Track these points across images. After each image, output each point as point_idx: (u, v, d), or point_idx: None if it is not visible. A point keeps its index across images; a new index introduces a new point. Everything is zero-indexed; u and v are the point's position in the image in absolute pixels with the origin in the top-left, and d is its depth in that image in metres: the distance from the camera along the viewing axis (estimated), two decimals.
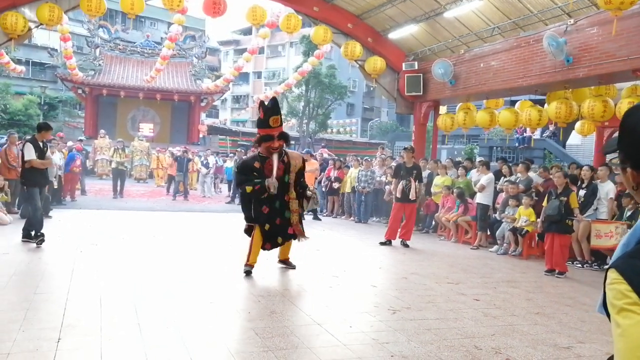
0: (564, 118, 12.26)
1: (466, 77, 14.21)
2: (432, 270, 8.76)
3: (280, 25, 15.99)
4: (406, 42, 16.26)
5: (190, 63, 37.06)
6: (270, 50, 56.84)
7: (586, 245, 9.99)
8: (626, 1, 8.39)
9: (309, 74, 31.55)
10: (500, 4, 12.53)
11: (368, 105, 59.76)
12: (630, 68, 9.73)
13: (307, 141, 38.16)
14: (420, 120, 16.87)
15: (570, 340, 5.41)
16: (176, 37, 25.91)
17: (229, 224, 13.13)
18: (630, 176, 1.43)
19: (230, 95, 57.13)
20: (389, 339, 5.10)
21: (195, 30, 46.83)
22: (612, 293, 1.29)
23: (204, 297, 6.13)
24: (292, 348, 4.66)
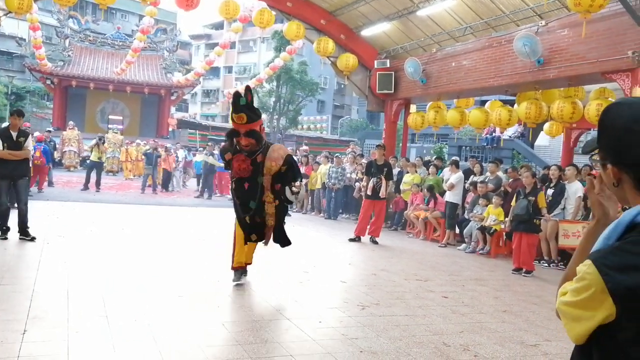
0: (534, 119, 12.40)
1: (437, 76, 14.27)
2: (401, 267, 8.78)
3: (253, 20, 15.84)
4: (379, 39, 16.26)
5: (161, 56, 36.65)
6: (242, 45, 56.51)
7: (554, 245, 10.12)
8: (595, 4, 8.48)
9: (280, 69, 31.48)
10: (472, 3, 12.60)
11: (339, 103, 59.83)
12: (599, 70, 9.87)
13: (277, 137, 38.03)
14: (391, 119, 16.90)
15: (537, 338, 5.46)
16: (147, 30, 25.58)
17: (198, 218, 13.01)
18: (611, 172, 1.45)
19: (200, 90, 56.70)
20: (358, 334, 5.08)
21: (166, 23, 46.31)
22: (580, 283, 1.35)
23: (173, 291, 6.04)
24: (261, 342, 4.60)
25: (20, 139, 8.45)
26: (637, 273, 1.28)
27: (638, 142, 1.36)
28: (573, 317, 1.37)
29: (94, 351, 4.13)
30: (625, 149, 1.40)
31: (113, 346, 4.21)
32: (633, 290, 1.27)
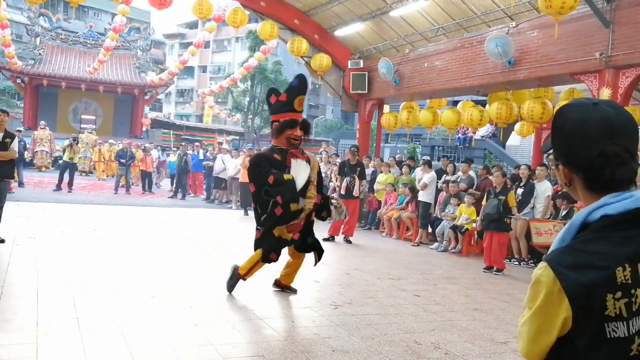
0: (505, 119, 12.56)
1: (410, 77, 14.37)
2: (374, 266, 8.82)
3: (226, 20, 15.78)
4: (352, 40, 16.32)
5: (135, 55, 36.32)
6: (216, 44, 56.26)
7: (524, 243, 10.27)
8: (566, 6, 8.62)
9: (254, 69, 31.43)
10: (445, 4, 12.72)
11: (313, 103, 59.86)
12: (568, 72, 10.04)
13: (252, 137, 37.93)
14: (365, 119, 16.98)
15: (507, 335, 5.53)
16: (120, 29, 25.32)
17: (172, 219, 12.92)
18: (562, 173, 1.49)
19: (174, 89, 56.33)
20: (331, 333, 5.10)
21: (140, 22, 45.87)
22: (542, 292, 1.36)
23: (145, 292, 5.99)
24: (233, 343, 4.60)
25: (6, 140, 8.24)
26: (591, 271, 1.30)
27: (585, 144, 1.39)
28: (532, 331, 1.37)
29: (64, 354, 4.07)
30: (573, 150, 1.43)
31: (83, 348, 4.16)
32: (587, 287, 1.29)
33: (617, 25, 9.16)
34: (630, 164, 1.38)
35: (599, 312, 1.29)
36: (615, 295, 1.29)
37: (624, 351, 1.30)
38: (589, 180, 1.42)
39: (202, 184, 19.53)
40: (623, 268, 1.31)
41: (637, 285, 1.31)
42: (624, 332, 1.30)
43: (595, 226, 1.37)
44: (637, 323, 1.31)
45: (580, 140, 1.41)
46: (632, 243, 1.34)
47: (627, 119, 1.40)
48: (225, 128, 42.37)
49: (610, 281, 1.30)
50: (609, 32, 9.21)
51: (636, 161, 1.40)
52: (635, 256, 1.33)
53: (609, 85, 9.20)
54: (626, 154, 1.37)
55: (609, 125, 1.37)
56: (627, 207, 1.35)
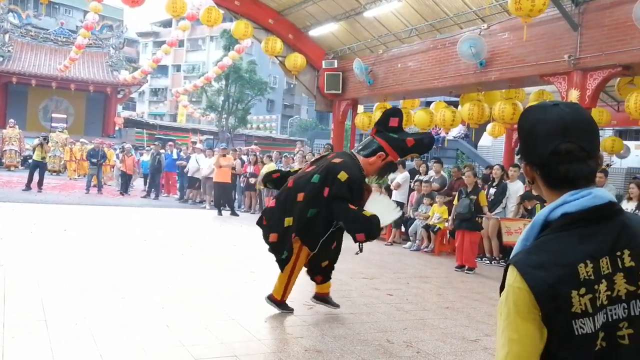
0: (476, 119, 12.72)
1: (384, 77, 14.46)
2: (347, 266, 8.82)
3: (200, 18, 15.68)
4: (326, 40, 16.35)
5: (107, 53, 35.93)
6: (190, 43, 55.88)
7: (495, 242, 10.41)
8: (535, 9, 8.75)
9: (229, 68, 31.30)
10: (418, 6, 12.81)
11: (288, 102, 59.83)
12: (538, 73, 10.20)
13: (226, 136, 37.78)
14: (339, 119, 17.02)
15: (478, 334, 5.61)
16: (92, 26, 25.01)
17: (144, 219, 12.81)
18: (524, 171, 1.53)
19: (148, 88, 55.82)
20: (303, 333, 5.13)
21: (112, 20, 45.28)
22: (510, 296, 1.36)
23: (116, 293, 5.93)
24: (206, 343, 4.59)
25: None
26: (555, 269, 1.33)
27: (540, 142, 1.43)
28: (506, 338, 1.36)
29: (31, 357, 4.02)
30: (531, 148, 1.47)
31: (51, 350, 4.12)
32: (553, 286, 1.31)
33: (584, 29, 9.34)
34: (587, 162, 1.41)
35: (566, 310, 1.31)
36: (580, 292, 1.31)
37: (590, 347, 1.33)
38: (546, 177, 1.46)
39: (176, 184, 19.40)
40: (585, 264, 1.33)
41: (599, 280, 1.34)
42: (591, 327, 1.32)
43: (556, 224, 1.41)
44: (600, 318, 1.33)
45: (535, 138, 1.45)
46: (592, 240, 1.37)
47: (583, 119, 1.43)
48: (199, 127, 42.13)
49: (574, 278, 1.32)
50: (577, 35, 9.38)
51: (595, 159, 1.43)
52: (596, 252, 1.35)
53: (577, 87, 9.37)
54: (582, 152, 1.40)
55: (563, 123, 1.41)
56: (585, 205, 1.38)
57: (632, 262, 1.37)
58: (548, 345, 1.33)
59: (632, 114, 9.68)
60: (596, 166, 1.44)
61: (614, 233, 1.38)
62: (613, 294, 1.35)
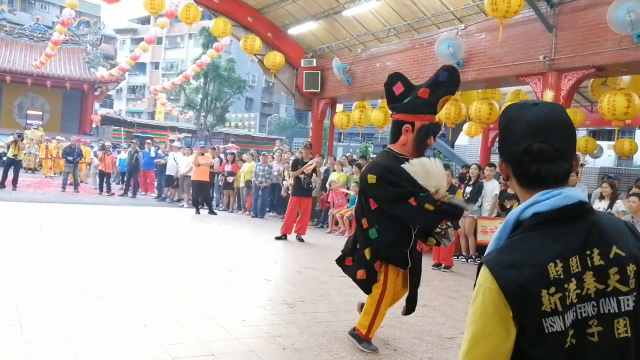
0: (453, 119, 12.85)
1: (362, 76, 14.52)
2: (326, 264, 8.87)
3: (179, 16, 15.59)
4: (305, 38, 16.37)
5: (84, 50, 35.52)
6: (169, 41, 55.48)
7: (472, 241, 10.52)
8: (511, 10, 8.87)
9: (207, 66, 31.16)
10: (396, 5, 12.89)
11: (267, 101, 59.71)
12: (514, 74, 10.34)
13: (204, 134, 37.60)
14: (318, 117, 17.06)
15: (454, 331, 5.66)
16: (69, 22, 24.68)
17: (121, 217, 12.72)
18: (500, 167, 1.56)
19: (126, 86, 55.30)
20: (282, 332, 5.13)
21: (90, 16, 44.80)
22: (480, 294, 1.39)
23: (92, 292, 5.88)
24: (183, 342, 4.58)
25: None
26: (525, 268, 1.35)
27: (514, 140, 1.46)
28: (471, 334, 1.38)
29: (5, 357, 3.97)
30: (506, 146, 1.50)
31: (25, 351, 4.07)
32: (523, 285, 1.33)
33: (559, 30, 9.49)
34: (559, 163, 1.43)
35: (536, 309, 1.33)
36: (550, 291, 1.34)
37: (561, 344, 1.35)
38: (518, 175, 1.49)
39: (154, 182, 19.28)
40: (555, 264, 1.35)
41: (569, 280, 1.36)
42: (561, 326, 1.34)
43: (527, 224, 1.43)
44: (570, 316, 1.36)
45: (510, 136, 1.48)
46: (563, 239, 1.39)
47: (559, 120, 1.45)
48: (178, 125, 41.89)
49: (544, 277, 1.34)
50: (552, 36, 9.53)
51: (569, 160, 1.45)
52: (566, 252, 1.38)
53: (552, 88, 9.52)
54: (554, 152, 1.42)
55: (537, 123, 1.43)
56: (556, 205, 1.41)
57: (602, 261, 1.40)
58: (519, 343, 1.36)
59: (605, 115, 9.86)
60: (569, 167, 1.46)
61: (583, 232, 1.41)
62: (583, 293, 1.38)
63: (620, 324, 1.40)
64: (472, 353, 1.38)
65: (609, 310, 1.40)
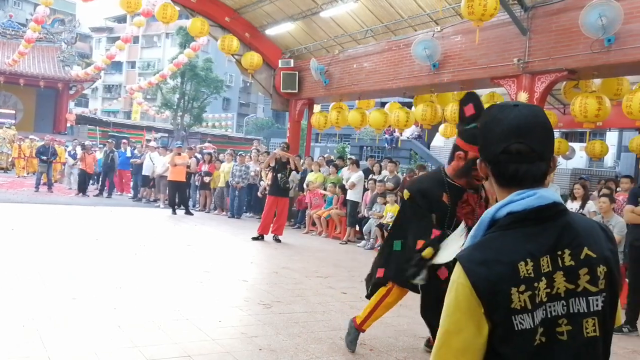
0: (429, 120, 12.97)
1: (340, 77, 14.57)
2: (302, 265, 8.91)
3: (156, 15, 15.50)
4: (283, 39, 16.38)
5: (59, 48, 35.06)
6: (146, 40, 55.03)
7: None
8: (487, 13, 8.98)
9: (184, 66, 30.96)
10: (373, 7, 12.96)
11: (244, 101, 59.54)
12: (488, 76, 10.46)
13: (181, 134, 37.35)
14: (295, 118, 17.08)
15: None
16: (43, 20, 24.37)
17: (96, 217, 12.59)
18: (479, 167, 1.58)
19: (101, 85, 54.72)
20: (258, 332, 5.14)
21: (64, 14, 44.24)
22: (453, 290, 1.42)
23: (66, 293, 5.83)
24: (159, 344, 4.56)
25: None
26: (497, 266, 1.38)
27: (493, 140, 1.49)
28: (443, 329, 1.42)
29: None
30: (485, 146, 1.53)
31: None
32: (493, 282, 1.36)
33: (533, 33, 9.63)
34: (537, 164, 1.46)
35: (506, 306, 1.36)
36: (520, 289, 1.37)
37: (529, 341, 1.38)
38: (496, 175, 1.51)
39: (129, 182, 19.11)
40: (525, 263, 1.38)
41: (539, 279, 1.39)
42: (530, 323, 1.37)
43: (501, 223, 1.45)
44: (539, 314, 1.39)
45: (490, 136, 1.51)
46: (535, 239, 1.42)
47: (538, 121, 1.47)
48: (154, 125, 41.53)
49: (514, 275, 1.37)
50: (526, 39, 9.67)
51: (546, 162, 1.48)
52: (537, 251, 1.41)
53: (526, 90, 9.65)
54: (532, 153, 1.44)
55: (516, 124, 1.45)
56: (530, 205, 1.43)
57: (572, 262, 1.43)
58: (490, 339, 1.38)
59: (577, 117, 10.03)
60: (547, 168, 1.49)
61: (556, 233, 1.44)
62: (553, 292, 1.41)
63: (589, 323, 1.44)
64: (445, 347, 1.41)
65: (579, 310, 1.43)
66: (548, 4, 9.46)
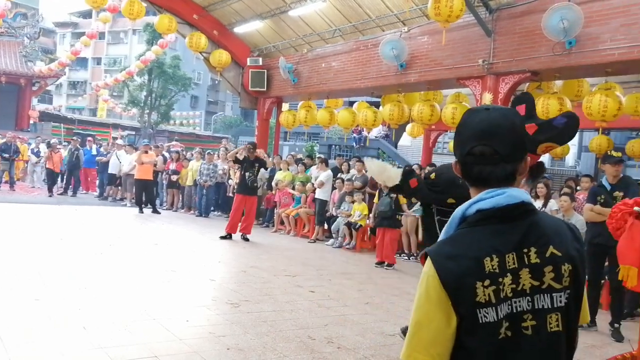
0: (397, 120, 13.10)
1: (308, 76, 14.61)
2: (270, 264, 8.93)
3: (122, 11, 15.26)
4: (252, 37, 16.34)
5: (21, 43, 34.25)
6: (112, 36, 54.21)
7: (413, 239, 10.77)
8: (453, 14, 9.11)
9: (152, 63, 30.63)
10: (341, 7, 13.03)
11: (212, 99, 59.14)
12: (454, 76, 10.61)
13: (148, 132, 36.93)
14: (264, 116, 17.05)
15: (396, 328, 5.78)
16: (4, 14, 23.83)
17: (61, 216, 12.40)
18: (454, 167, 1.64)
19: (66, 81, 53.76)
20: (226, 332, 5.15)
21: (27, 8, 43.09)
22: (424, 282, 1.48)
23: (29, 294, 5.75)
24: (125, 344, 4.54)
25: None
26: (463, 260, 1.44)
27: (462, 141, 1.56)
28: (414, 321, 1.48)
29: None
30: (456, 147, 1.61)
31: None
32: (459, 276, 1.43)
33: (497, 35, 9.81)
34: (502, 165, 1.51)
35: (471, 299, 1.42)
36: (484, 283, 1.43)
37: (494, 335, 1.44)
38: (464, 175, 1.59)
39: (95, 180, 18.84)
40: (491, 258, 1.45)
41: (504, 274, 1.45)
42: (494, 317, 1.43)
43: (471, 219, 1.52)
44: (504, 309, 1.45)
45: (459, 138, 1.58)
46: (501, 236, 1.48)
47: (505, 124, 1.53)
48: (121, 123, 40.92)
49: (480, 270, 1.43)
50: (491, 41, 9.84)
51: (513, 163, 1.52)
52: (503, 248, 1.47)
53: (490, 91, 9.83)
54: (495, 155, 1.50)
55: (481, 128, 1.52)
56: (498, 203, 1.49)
57: (538, 259, 1.49)
58: (458, 332, 1.44)
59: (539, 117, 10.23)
60: (514, 169, 1.53)
61: (522, 231, 1.50)
62: (518, 288, 1.47)
63: (552, 318, 1.51)
64: (416, 337, 1.46)
65: (543, 306, 1.50)
66: (512, 6, 9.64)
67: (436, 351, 1.44)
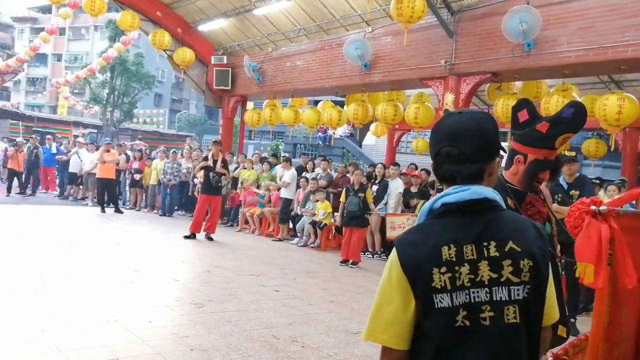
0: (361, 119, 13.21)
1: (273, 75, 14.60)
2: (235, 263, 8.92)
3: (83, 7, 14.98)
4: (216, 35, 16.25)
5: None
6: (73, 32, 53.17)
7: (378, 237, 10.87)
8: (415, 15, 9.21)
9: (114, 60, 30.17)
10: (306, 6, 13.06)
11: (177, 97, 58.54)
12: (417, 77, 10.75)
13: (110, 130, 36.39)
14: (228, 115, 16.98)
15: (360, 326, 5.81)
16: None
17: (19, 216, 12.13)
18: (432, 167, 1.76)
19: (25, 77, 52.54)
20: (189, 332, 5.14)
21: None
22: (388, 267, 1.63)
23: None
24: (86, 347, 4.48)
25: None
26: (422, 248, 1.57)
27: (434, 141, 1.71)
28: (376, 302, 1.62)
29: None
30: (430, 147, 1.74)
31: None
32: (418, 261, 1.56)
33: (459, 36, 9.97)
34: (468, 164, 1.64)
35: (428, 284, 1.54)
36: (441, 270, 1.55)
37: (450, 321, 1.55)
38: (435, 173, 1.73)
39: (55, 179, 18.48)
40: (449, 247, 1.57)
41: (461, 263, 1.56)
42: (449, 303, 1.54)
43: (436, 212, 1.65)
44: (460, 297, 1.55)
45: (432, 141, 1.73)
46: (462, 228, 1.60)
47: (473, 127, 1.65)
48: (82, 121, 40.16)
49: (437, 257, 1.56)
50: (453, 42, 10.00)
51: (480, 163, 1.65)
52: (462, 239, 1.58)
53: (452, 91, 9.99)
54: (461, 155, 1.63)
55: (449, 130, 1.67)
56: (463, 198, 1.61)
57: (497, 253, 1.59)
58: (418, 315, 1.58)
59: (499, 118, 10.45)
60: (481, 169, 1.66)
61: (482, 225, 1.61)
62: (477, 279, 1.57)
63: (510, 310, 1.60)
64: (376, 317, 1.61)
65: (501, 298, 1.59)
66: (473, 8, 9.81)
67: (395, 331, 1.57)
